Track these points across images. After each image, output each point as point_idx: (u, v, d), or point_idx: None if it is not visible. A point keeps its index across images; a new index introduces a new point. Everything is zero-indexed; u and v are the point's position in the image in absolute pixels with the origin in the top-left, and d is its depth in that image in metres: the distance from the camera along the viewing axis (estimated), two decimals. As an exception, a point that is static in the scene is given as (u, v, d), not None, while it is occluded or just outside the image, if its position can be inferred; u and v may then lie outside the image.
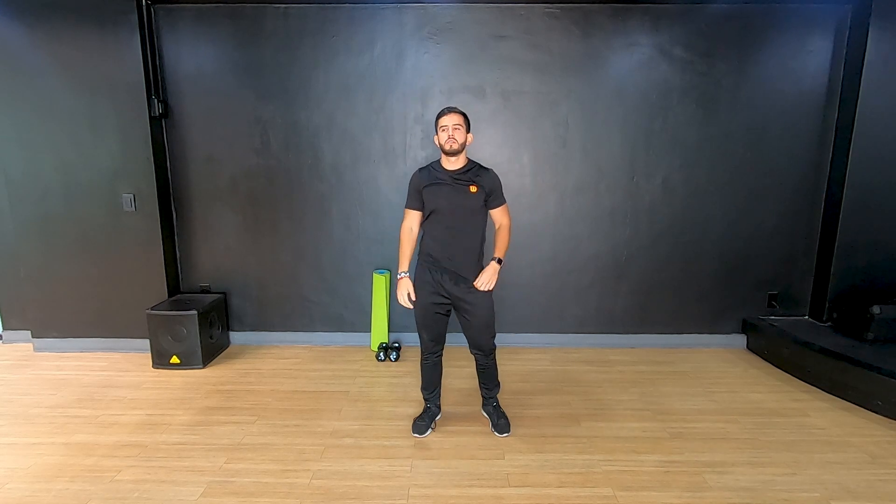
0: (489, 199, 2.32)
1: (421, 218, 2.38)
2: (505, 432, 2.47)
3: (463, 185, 2.27)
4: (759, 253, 3.54)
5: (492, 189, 2.31)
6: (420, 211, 2.36)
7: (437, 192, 2.28)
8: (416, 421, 2.53)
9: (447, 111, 2.25)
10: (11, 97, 3.23)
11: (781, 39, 3.26)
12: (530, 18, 3.26)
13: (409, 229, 2.38)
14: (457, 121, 2.23)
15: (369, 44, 3.31)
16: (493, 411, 2.55)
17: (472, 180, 2.28)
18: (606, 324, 3.65)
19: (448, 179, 2.28)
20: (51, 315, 3.51)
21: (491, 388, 2.55)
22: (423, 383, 2.54)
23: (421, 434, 2.47)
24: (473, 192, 2.26)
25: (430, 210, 2.31)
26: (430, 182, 2.30)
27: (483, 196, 2.29)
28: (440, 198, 2.28)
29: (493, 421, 2.52)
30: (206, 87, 3.37)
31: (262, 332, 3.70)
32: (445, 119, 2.23)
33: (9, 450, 2.35)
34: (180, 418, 2.64)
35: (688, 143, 3.41)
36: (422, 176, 2.34)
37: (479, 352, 2.44)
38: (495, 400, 2.58)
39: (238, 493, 2.05)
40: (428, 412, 2.55)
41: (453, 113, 2.24)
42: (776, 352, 3.33)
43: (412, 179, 2.37)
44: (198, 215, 3.55)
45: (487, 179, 2.30)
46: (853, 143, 3.22)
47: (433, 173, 2.32)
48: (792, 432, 2.52)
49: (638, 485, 2.11)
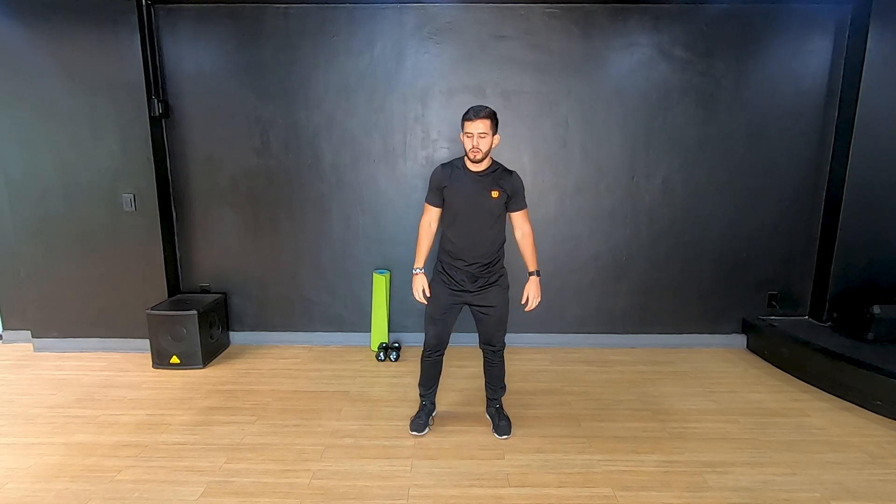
0: (510, 202, 2.30)
1: (440, 214, 2.36)
2: (505, 434, 2.47)
3: (485, 188, 2.23)
4: (759, 253, 3.54)
5: (514, 192, 2.28)
6: (440, 208, 2.34)
7: (457, 193, 2.25)
8: (413, 419, 2.52)
9: (473, 115, 2.11)
10: (11, 97, 3.22)
11: (781, 39, 3.26)
12: (530, 18, 3.26)
13: (427, 224, 2.36)
14: (482, 128, 2.11)
15: (369, 44, 3.31)
16: (495, 413, 2.54)
17: (494, 183, 2.24)
18: (606, 324, 3.65)
19: (470, 181, 2.25)
20: (51, 315, 3.51)
21: (496, 390, 2.54)
22: (422, 379, 2.54)
23: (420, 432, 2.46)
24: (495, 196, 2.23)
25: (451, 210, 2.29)
26: (451, 181, 2.26)
27: (504, 199, 2.27)
28: (461, 198, 2.25)
29: (494, 423, 2.52)
30: (206, 87, 3.37)
31: (262, 332, 3.70)
32: (470, 126, 2.12)
33: (9, 450, 2.35)
34: (180, 418, 2.64)
35: (688, 143, 3.41)
36: (444, 173, 2.29)
37: (490, 346, 2.43)
38: (499, 402, 2.57)
39: (238, 493, 2.05)
40: (424, 409, 2.55)
41: (479, 119, 2.10)
42: (776, 352, 3.33)
43: (433, 175, 2.32)
44: (198, 215, 3.55)
45: (510, 183, 2.27)
46: (853, 143, 3.22)
47: (455, 172, 2.27)
48: (792, 432, 2.52)
49: (638, 485, 2.11)
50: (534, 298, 2.36)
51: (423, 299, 2.35)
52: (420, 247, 2.36)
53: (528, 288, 2.36)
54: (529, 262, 2.38)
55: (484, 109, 2.14)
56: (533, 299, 2.36)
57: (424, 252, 2.37)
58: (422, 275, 2.35)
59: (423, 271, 2.36)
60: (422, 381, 2.54)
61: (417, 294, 2.35)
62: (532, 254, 2.37)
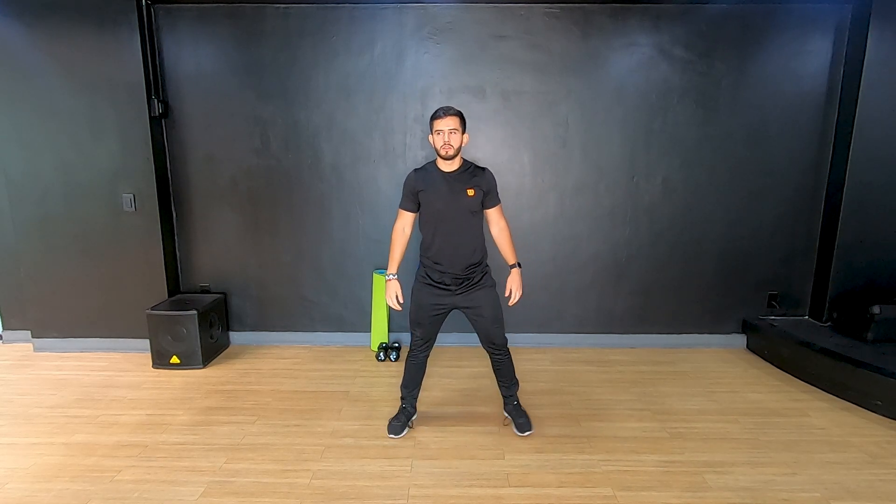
0: (486, 199, 2.32)
1: (414, 220, 2.37)
2: (528, 431, 2.46)
3: (460, 187, 2.26)
4: (759, 253, 3.54)
5: (489, 189, 2.31)
6: (414, 213, 2.36)
7: (434, 195, 2.27)
8: (391, 421, 2.50)
9: (442, 113, 2.19)
10: (11, 97, 3.23)
11: (781, 39, 3.26)
12: (530, 18, 3.26)
13: (401, 230, 2.37)
14: (452, 125, 2.18)
15: (369, 44, 3.31)
16: (513, 410, 2.53)
17: (468, 182, 2.27)
18: (606, 324, 3.65)
19: (444, 181, 2.27)
20: (51, 315, 3.51)
21: (509, 386, 2.53)
22: (405, 381, 2.53)
23: (397, 434, 2.45)
24: (471, 195, 2.26)
25: (428, 213, 2.30)
26: (426, 184, 2.29)
27: (480, 197, 2.29)
28: (437, 200, 2.27)
29: (514, 420, 2.51)
30: (205, 87, 3.37)
31: (262, 332, 3.70)
32: (440, 123, 2.19)
33: (9, 450, 2.35)
34: (180, 418, 2.64)
35: (688, 143, 3.41)
36: (417, 178, 2.32)
37: (492, 345, 2.43)
38: (515, 398, 2.56)
39: (238, 493, 2.05)
40: (404, 412, 2.53)
41: (448, 116, 2.18)
42: (776, 352, 3.33)
43: (407, 180, 2.35)
44: (198, 215, 3.55)
45: (484, 180, 2.30)
46: (853, 143, 3.22)
47: (429, 175, 2.30)
48: (792, 432, 2.52)
49: (638, 485, 2.11)
50: (516, 291, 2.37)
51: (396, 305, 2.36)
52: (393, 252, 2.36)
53: (511, 281, 2.38)
54: (508, 255, 2.40)
55: (452, 108, 2.23)
56: (516, 291, 2.37)
57: (398, 258, 2.36)
58: (395, 281, 2.35)
59: (396, 277, 2.35)
60: (404, 383, 2.53)
61: (391, 301, 2.35)
62: (510, 247, 2.39)
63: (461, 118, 2.23)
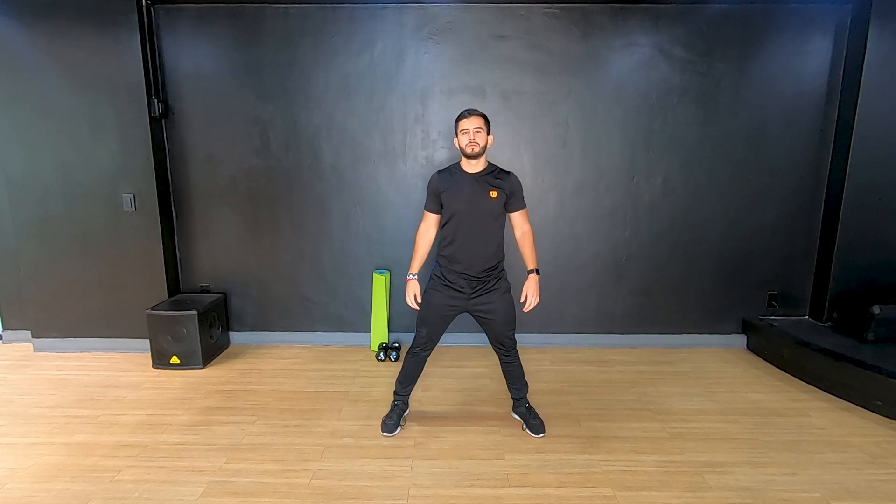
0: (509, 203, 2.30)
1: (439, 221, 2.37)
2: (540, 433, 2.45)
3: (483, 189, 2.25)
4: (759, 253, 3.54)
5: (512, 192, 2.29)
6: (438, 214, 2.35)
7: (456, 196, 2.26)
8: (384, 420, 2.50)
9: (468, 114, 2.22)
10: (11, 97, 3.22)
11: (781, 39, 3.26)
12: (530, 18, 3.26)
13: (425, 231, 2.38)
14: (478, 124, 2.20)
15: (369, 44, 3.31)
16: (525, 412, 2.53)
17: (492, 184, 2.26)
18: (606, 324, 3.65)
19: (468, 183, 2.26)
20: (51, 315, 3.51)
21: (520, 388, 2.54)
22: (401, 376, 2.52)
23: (391, 433, 2.46)
24: (494, 196, 2.25)
25: (450, 213, 2.29)
26: (448, 185, 2.28)
27: (503, 200, 2.28)
28: (460, 201, 2.26)
29: (526, 422, 2.51)
30: (205, 87, 3.37)
31: (262, 332, 3.70)
32: (466, 122, 2.20)
33: (9, 450, 2.35)
34: (180, 418, 2.64)
35: (688, 143, 3.41)
36: (441, 178, 2.32)
37: (501, 346, 2.43)
38: (526, 401, 2.56)
39: (238, 493, 2.05)
40: (396, 409, 2.53)
41: (474, 116, 2.21)
42: (776, 352, 3.33)
43: (431, 181, 2.35)
44: (198, 215, 3.55)
45: (508, 183, 2.28)
46: (853, 143, 3.22)
47: (453, 176, 2.30)
48: (792, 432, 2.52)
49: (638, 485, 2.11)
50: (532, 297, 2.36)
51: (415, 305, 2.37)
52: (417, 253, 2.38)
53: (527, 286, 2.37)
54: (529, 260, 2.39)
55: (476, 109, 2.25)
56: (532, 298, 2.36)
57: (421, 259, 2.38)
58: (415, 281, 2.36)
59: (416, 278, 2.36)
60: (400, 378, 2.53)
61: (410, 300, 2.37)
62: (532, 252, 2.38)
63: (485, 119, 2.24)
